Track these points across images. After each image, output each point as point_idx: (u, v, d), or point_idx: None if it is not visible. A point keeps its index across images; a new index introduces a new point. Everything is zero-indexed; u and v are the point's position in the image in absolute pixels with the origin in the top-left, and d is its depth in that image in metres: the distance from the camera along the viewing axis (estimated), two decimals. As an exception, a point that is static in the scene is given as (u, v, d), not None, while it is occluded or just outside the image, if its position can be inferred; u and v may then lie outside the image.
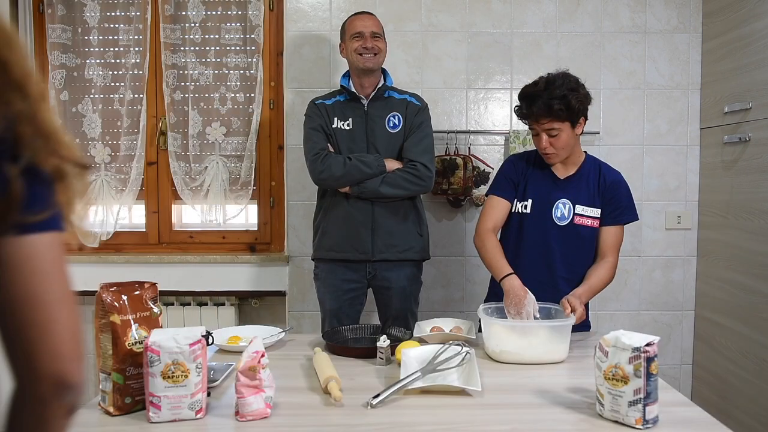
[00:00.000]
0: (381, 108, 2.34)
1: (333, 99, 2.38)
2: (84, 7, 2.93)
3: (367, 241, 2.30)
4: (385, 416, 1.34)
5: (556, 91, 1.86)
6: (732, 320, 2.62)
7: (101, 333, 1.36)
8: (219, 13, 2.97)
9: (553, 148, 1.92)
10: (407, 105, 2.36)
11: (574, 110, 1.87)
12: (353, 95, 2.34)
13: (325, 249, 2.37)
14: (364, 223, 2.30)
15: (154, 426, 1.30)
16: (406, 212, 2.35)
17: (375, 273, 2.35)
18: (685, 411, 1.39)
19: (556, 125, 1.88)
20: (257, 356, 1.31)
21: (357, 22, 2.32)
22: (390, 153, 2.31)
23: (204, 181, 2.99)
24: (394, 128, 2.33)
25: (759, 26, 2.42)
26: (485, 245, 1.99)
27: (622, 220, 2.00)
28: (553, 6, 2.87)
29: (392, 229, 2.32)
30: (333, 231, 2.34)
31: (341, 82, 2.38)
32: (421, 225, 2.40)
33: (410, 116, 2.34)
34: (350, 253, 2.32)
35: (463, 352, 1.58)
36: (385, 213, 2.30)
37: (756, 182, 2.45)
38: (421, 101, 2.41)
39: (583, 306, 1.82)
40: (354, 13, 2.40)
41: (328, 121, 2.33)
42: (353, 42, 2.29)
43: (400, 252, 2.34)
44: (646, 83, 2.90)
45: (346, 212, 2.30)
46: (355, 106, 2.34)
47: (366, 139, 2.32)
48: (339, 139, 2.32)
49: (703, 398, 2.83)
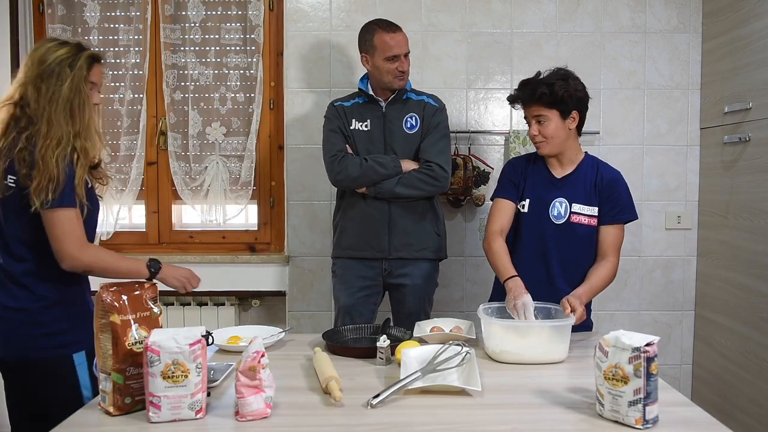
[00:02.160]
0: (399, 109, 2.36)
1: (352, 101, 2.40)
2: (84, 7, 2.93)
3: (384, 240, 2.33)
4: (385, 416, 1.34)
5: (545, 79, 1.97)
6: (732, 320, 2.62)
7: (101, 333, 1.36)
8: (219, 13, 2.97)
9: (542, 137, 1.98)
10: (425, 106, 2.37)
11: (557, 97, 1.93)
12: (372, 98, 2.35)
13: (342, 247, 2.40)
14: (381, 222, 2.32)
15: (154, 426, 1.29)
16: (424, 211, 2.36)
17: (391, 270, 2.36)
18: (685, 411, 1.39)
19: (543, 112, 1.95)
20: (257, 356, 1.31)
21: (392, 42, 2.26)
22: (407, 154, 2.32)
23: (204, 181, 2.99)
24: (411, 129, 2.34)
25: (759, 26, 2.42)
26: (492, 248, 2.02)
27: (622, 219, 2.00)
28: (553, 6, 2.87)
29: (409, 228, 2.34)
30: (351, 230, 2.37)
31: (360, 85, 2.39)
32: (438, 224, 2.41)
33: (427, 117, 2.35)
34: (367, 251, 2.34)
35: (463, 352, 1.58)
36: (401, 212, 2.32)
37: (756, 182, 2.45)
38: (438, 102, 2.41)
39: (583, 306, 1.82)
40: (384, 27, 2.29)
41: (346, 122, 2.35)
42: (387, 63, 2.26)
43: (417, 251, 2.35)
44: (646, 83, 2.90)
45: (364, 212, 2.33)
46: (373, 108, 2.36)
47: (384, 140, 2.33)
48: (357, 140, 2.34)
49: (703, 398, 2.83)
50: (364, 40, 2.32)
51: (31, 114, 1.63)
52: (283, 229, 2.99)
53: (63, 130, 1.61)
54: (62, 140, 1.60)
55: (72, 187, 1.61)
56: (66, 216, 1.60)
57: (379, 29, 2.28)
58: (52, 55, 1.64)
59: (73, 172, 1.62)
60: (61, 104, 1.62)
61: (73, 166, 1.62)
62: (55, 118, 1.61)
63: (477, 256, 2.89)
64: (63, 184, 1.58)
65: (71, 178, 1.61)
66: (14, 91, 1.67)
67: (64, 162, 1.59)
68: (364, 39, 2.32)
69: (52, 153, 1.58)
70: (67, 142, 1.61)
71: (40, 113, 1.61)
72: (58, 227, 1.60)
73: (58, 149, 1.59)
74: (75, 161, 1.62)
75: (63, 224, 1.60)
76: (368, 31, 2.31)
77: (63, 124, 1.62)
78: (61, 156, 1.59)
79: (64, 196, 1.59)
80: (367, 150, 2.32)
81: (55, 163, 1.57)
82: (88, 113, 1.67)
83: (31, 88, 1.63)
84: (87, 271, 1.69)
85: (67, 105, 1.63)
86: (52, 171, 1.57)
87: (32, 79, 1.63)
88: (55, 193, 1.57)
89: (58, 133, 1.60)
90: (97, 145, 1.71)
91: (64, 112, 1.63)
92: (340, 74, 2.87)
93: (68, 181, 1.60)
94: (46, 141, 1.59)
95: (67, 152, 1.61)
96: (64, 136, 1.61)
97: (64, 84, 1.63)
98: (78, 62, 1.66)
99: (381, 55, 2.26)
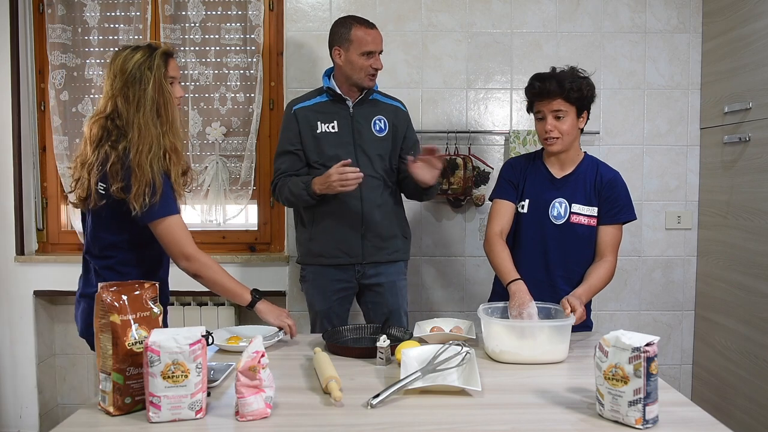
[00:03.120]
0: (367, 110, 2.31)
1: (314, 100, 2.32)
2: (84, 7, 2.94)
3: (357, 246, 2.29)
4: (385, 416, 1.34)
5: (568, 75, 1.94)
6: (732, 320, 2.62)
7: (101, 333, 1.36)
8: (219, 13, 2.97)
9: (557, 132, 1.94)
10: (396, 111, 2.36)
11: (583, 95, 1.93)
12: (338, 96, 2.29)
13: (314, 255, 2.33)
14: (354, 226, 2.28)
15: (154, 426, 1.30)
16: (392, 215, 2.35)
17: (364, 272, 2.33)
18: (685, 411, 1.39)
19: (564, 107, 1.93)
20: (257, 356, 1.31)
21: (368, 38, 2.21)
22: (377, 157, 2.29)
23: (204, 181, 2.99)
24: (380, 132, 2.31)
25: (759, 26, 2.42)
26: (493, 250, 2.01)
27: (620, 219, 2.00)
28: (553, 6, 2.87)
29: (382, 233, 2.31)
30: (321, 237, 2.30)
31: (324, 82, 2.32)
32: (405, 227, 2.42)
33: (400, 123, 2.35)
34: (341, 258, 2.30)
35: (463, 352, 1.58)
36: (374, 216, 2.28)
37: (756, 182, 2.45)
38: (404, 106, 2.41)
39: (583, 306, 1.82)
40: (361, 22, 2.25)
41: (307, 127, 2.27)
42: (362, 59, 2.21)
43: (389, 254, 2.34)
44: (646, 83, 2.90)
45: (335, 219, 2.27)
46: (339, 108, 2.29)
47: (353, 142, 2.28)
48: (324, 143, 2.26)
49: (703, 398, 2.83)
50: (339, 33, 2.24)
51: (122, 125, 1.68)
52: (283, 229, 2.99)
53: (153, 134, 1.67)
54: (153, 144, 1.66)
55: (170, 193, 1.69)
56: (174, 223, 1.71)
57: (356, 23, 2.23)
58: (131, 62, 1.69)
59: (169, 172, 1.69)
60: (148, 107, 1.68)
61: (168, 166, 1.69)
62: (144, 123, 1.67)
63: (477, 256, 2.89)
64: (161, 189, 1.65)
65: (167, 182, 1.68)
66: (104, 104, 1.73)
67: (158, 165, 1.66)
68: (339, 32, 2.24)
69: (146, 158, 1.64)
70: (158, 146, 1.67)
71: (130, 121, 1.67)
72: (169, 235, 1.71)
73: (150, 154, 1.65)
74: (168, 161, 1.69)
75: (174, 231, 1.71)
76: (344, 25, 2.24)
77: (152, 127, 1.67)
78: (155, 159, 1.66)
79: (167, 205, 1.68)
80: (336, 154, 2.22)
81: (149, 168, 1.64)
82: (171, 110, 1.73)
83: (120, 100, 1.69)
84: (198, 275, 1.77)
85: (153, 107, 1.69)
86: (147, 176, 1.64)
87: (119, 90, 1.69)
88: (154, 198, 1.64)
89: (149, 137, 1.66)
90: (181, 140, 1.77)
91: (152, 115, 1.68)
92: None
93: (166, 188, 1.67)
94: (138, 147, 1.65)
95: (159, 155, 1.67)
96: (154, 139, 1.67)
97: (148, 86, 1.68)
98: (155, 62, 1.70)
99: (357, 49, 2.20)
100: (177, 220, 1.72)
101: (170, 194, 1.71)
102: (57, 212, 3.04)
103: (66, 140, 2.96)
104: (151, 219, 1.68)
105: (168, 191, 1.69)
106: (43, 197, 3.03)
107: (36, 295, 2.95)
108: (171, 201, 1.71)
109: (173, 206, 1.71)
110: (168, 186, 1.70)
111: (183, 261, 1.74)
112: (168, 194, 1.69)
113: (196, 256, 1.74)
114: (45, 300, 3.01)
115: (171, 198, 1.71)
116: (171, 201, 1.71)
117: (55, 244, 3.05)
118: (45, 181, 3.03)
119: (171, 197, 1.71)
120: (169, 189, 1.71)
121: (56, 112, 2.95)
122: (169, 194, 1.70)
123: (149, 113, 1.68)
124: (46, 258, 2.93)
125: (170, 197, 1.70)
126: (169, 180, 1.70)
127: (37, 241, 3.04)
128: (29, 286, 2.94)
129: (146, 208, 1.64)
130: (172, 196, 1.71)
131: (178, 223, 1.72)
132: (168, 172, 1.70)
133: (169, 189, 1.71)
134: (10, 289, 2.95)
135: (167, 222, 1.70)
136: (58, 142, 2.96)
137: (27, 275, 2.94)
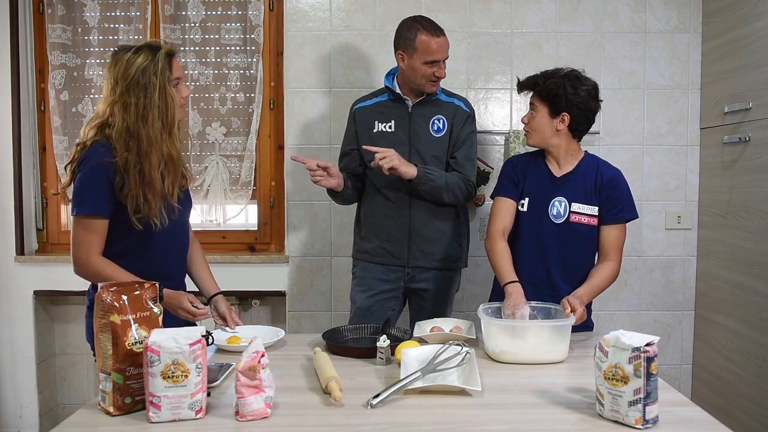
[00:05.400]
0: (427, 110, 2.26)
1: (375, 99, 2.32)
2: (84, 7, 2.93)
3: (403, 248, 2.27)
4: (385, 416, 1.34)
5: (549, 73, 1.99)
6: (732, 320, 2.62)
7: (101, 333, 1.36)
8: (219, 13, 2.97)
9: (528, 126, 2.02)
10: (456, 110, 2.27)
11: (549, 92, 1.95)
12: (398, 96, 2.26)
13: (361, 251, 2.37)
14: (401, 230, 2.26)
15: (154, 426, 1.30)
16: (445, 220, 2.30)
17: (413, 275, 2.30)
18: (685, 411, 1.39)
19: (536, 102, 2.00)
20: (257, 356, 1.31)
21: (435, 46, 2.14)
22: (432, 158, 2.24)
23: (204, 181, 2.99)
24: (438, 132, 2.25)
25: (759, 26, 2.42)
26: (494, 249, 2.01)
27: (623, 218, 2.00)
28: (553, 6, 2.87)
29: (430, 237, 2.27)
30: (370, 235, 2.32)
31: (386, 82, 2.29)
32: (460, 234, 2.35)
33: (458, 124, 2.26)
34: (387, 258, 2.30)
35: (463, 352, 1.58)
36: (423, 220, 2.26)
37: (756, 182, 2.45)
38: (469, 107, 2.32)
39: (583, 306, 1.82)
40: (428, 28, 2.16)
41: (365, 127, 2.28)
42: (425, 66, 2.15)
43: (437, 261, 2.29)
44: (646, 83, 2.90)
45: (383, 218, 2.28)
46: (398, 107, 2.27)
47: (409, 143, 2.24)
48: (379, 143, 2.21)
49: (703, 398, 2.83)
50: (404, 37, 2.18)
51: (121, 130, 1.63)
52: (283, 229, 2.99)
53: (159, 142, 1.65)
54: (159, 154, 1.66)
55: (90, 193, 1.64)
56: (78, 223, 1.67)
57: (423, 30, 2.14)
58: (133, 67, 1.64)
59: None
60: (156, 115, 1.64)
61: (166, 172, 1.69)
62: (153, 134, 1.63)
63: (477, 256, 2.88)
64: (86, 188, 1.63)
65: (98, 182, 1.64)
66: (104, 109, 1.68)
67: (158, 172, 1.66)
68: (405, 36, 2.17)
69: (156, 172, 1.64)
70: (161, 155, 1.66)
71: (136, 132, 1.63)
72: (71, 235, 1.69)
73: (160, 167, 1.66)
74: (164, 169, 1.68)
75: (73, 233, 1.67)
76: (410, 30, 2.17)
77: (159, 135, 1.65)
78: (164, 171, 1.67)
79: (78, 203, 1.64)
80: None
81: (160, 180, 1.66)
82: (171, 114, 1.69)
83: (119, 107, 1.64)
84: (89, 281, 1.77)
85: (160, 114, 1.65)
86: (159, 189, 1.66)
87: (120, 95, 1.64)
88: (74, 197, 1.63)
89: (158, 147, 1.65)
90: (177, 148, 1.72)
91: (159, 122, 1.65)
92: (340, 74, 2.87)
93: (89, 186, 1.63)
94: (150, 159, 1.63)
95: (162, 165, 1.67)
96: (161, 148, 1.66)
97: (155, 93, 1.64)
98: (159, 65, 1.65)
99: (421, 57, 2.14)
100: (82, 221, 1.63)
101: (90, 194, 1.61)
102: (57, 212, 3.05)
103: (66, 140, 2.96)
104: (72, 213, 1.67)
105: (90, 190, 1.61)
106: (43, 197, 3.03)
107: (36, 295, 2.95)
108: (87, 200, 1.62)
109: (85, 207, 1.62)
110: (94, 185, 1.61)
111: (74, 266, 1.69)
112: (87, 193, 1.61)
113: (87, 264, 1.65)
114: (45, 300, 3.01)
115: (89, 197, 1.61)
116: (87, 200, 1.62)
117: (55, 244, 3.05)
118: (45, 181, 3.03)
119: (89, 197, 1.61)
120: (95, 188, 1.61)
121: (56, 112, 2.95)
122: (88, 193, 1.61)
123: (156, 121, 1.64)
124: (46, 258, 2.94)
125: (88, 196, 1.61)
126: (101, 179, 1.61)
127: (37, 241, 3.04)
128: (29, 286, 2.94)
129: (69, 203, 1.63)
130: (92, 196, 1.61)
131: (85, 225, 1.64)
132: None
133: (95, 188, 1.61)
134: (10, 289, 2.95)
135: (74, 221, 1.65)
136: (58, 142, 2.96)
137: (27, 275, 2.94)
